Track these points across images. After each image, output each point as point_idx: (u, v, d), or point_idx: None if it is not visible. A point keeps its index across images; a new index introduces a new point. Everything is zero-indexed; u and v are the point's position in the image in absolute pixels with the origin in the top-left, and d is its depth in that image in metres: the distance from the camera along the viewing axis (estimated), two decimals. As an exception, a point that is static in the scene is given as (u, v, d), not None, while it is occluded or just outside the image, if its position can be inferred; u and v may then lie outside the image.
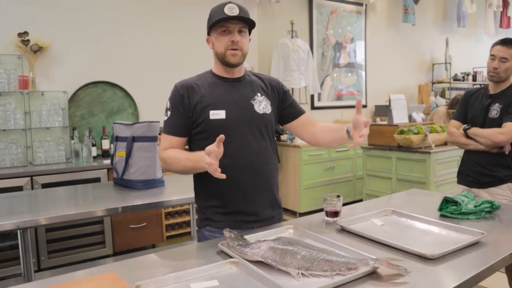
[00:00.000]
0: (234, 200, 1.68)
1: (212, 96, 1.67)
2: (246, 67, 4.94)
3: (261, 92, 1.75)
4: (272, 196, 1.76)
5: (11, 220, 1.92)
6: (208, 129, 1.65)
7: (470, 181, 2.69)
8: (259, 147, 1.70)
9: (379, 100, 6.36)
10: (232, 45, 1.63)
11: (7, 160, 3.54)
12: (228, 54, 1.65)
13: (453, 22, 7.60)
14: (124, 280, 1.17)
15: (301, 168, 4.89)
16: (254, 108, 1.70)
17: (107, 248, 3.66)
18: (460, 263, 1.29)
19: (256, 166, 1.69)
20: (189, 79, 1.73)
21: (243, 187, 1.67)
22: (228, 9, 1.60)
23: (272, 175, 1.76)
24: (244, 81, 1.75)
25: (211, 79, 1.73)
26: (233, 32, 1.63)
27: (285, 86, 1.87)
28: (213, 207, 1.71)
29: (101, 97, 4.16)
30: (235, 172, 1.62)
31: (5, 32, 3.67)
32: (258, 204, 1.71)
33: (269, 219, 1.74)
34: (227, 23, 1.62)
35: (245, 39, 1.67)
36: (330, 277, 1.16)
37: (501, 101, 2.57)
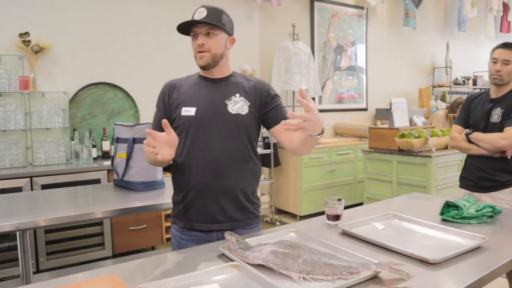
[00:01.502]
0: (196, 198, 1.68)
1: (187, 94, 1.73)
2: (247, 69, 4.97)
3: (240, 93, 1.74)
4: (238, 199, 1.70)
5: (11, 221, 1.91)
6: (179, 125, 1.70)
7: (472, 186, 2.69)
8: (228, 147, 1.68)
9: (380, 103, 6.36)
10: (198, 48, 1.67)
11: (7, 161, 3.53)
12: (197, 57, 1.70)
13: (453, 26, 7.61)
14: (125, 282, 1.16)
15: (302, 171, 4.88)
16: (227, 108, 1.69)
17: (107, 250, 3.65)
18: (462, 268, 1.29)
19: (219, 166, 1.67)
20: (177, 79, 1.81)
21: (205, 186, 1.67)
22: (197, 14, 1.66)
23: (241, 178, 1.71)
24: (227, 81, 1.77)
25: (195, 79, 1.79)
26: (199, 35, 1.67)
27: (275, 91, 1.84)
28: (177, 203, 1.75)
29: (101, 98, 4.16)
30: (198, 170, 1.66)
31: (6, 32, 3.67)
32: (221, 206, 1.67)
33: (234, 222, 1.70)
34: (194, 28, 1.68)
35: (214, 40, 1.68)
36: (332, 281, 1.16)
37: (503, 105, 2.57)
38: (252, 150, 1.76)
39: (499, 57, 2.55)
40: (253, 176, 1.77)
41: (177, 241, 1.74)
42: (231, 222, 1.69)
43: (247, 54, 5.14)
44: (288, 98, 5.39)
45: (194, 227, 1.69)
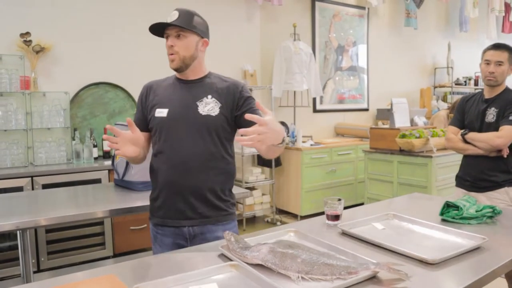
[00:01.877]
0: (168, 196, 1.76)
1: (162, 96, 1.80)
2: (248, 69, 4.97)
3: (212, 95, 1.77)
4: (207, 197, 1.75)
5: (11, 220, 1.92)
6: (154, 126, 1.78)
7: (468, 185, 2.72)
8: (197, 147, 1.72)
9: (381, 103, 6.35)
10: (169, 50, 1.74)
11: (8, 161, 3.53)
12: (169, 59, 1.76)
13: (455, 26, 7.60)
14: (124, 282, 1.17)
15: (303, 171, 4.88)
16: (198, 109, 1.74)
17: (107, 249, 3.65)
18: (461, 268, 1.29)
19: (190, 165, 1.72)
20: (156, 80, 1.89)
21: (176, 185, 1.73)
22: (170, 16, 1.72)
23: (210, 177, 1.75)
24: (200, 83, 1.81)
25: (171, 81, 1.86)
26: (170, 37, 1.73)
27: (249, 92, 1.85)
28: (152, 200, 1.84)
29: (102, 98, 4.16)
30: (169, 169, 1.74)
31: (7, 32, 3.67)
32: (190, 203, 1.74)
33: (204, 219, 1.76)
34: (166, 30, 1.74)
35: (184, 42, 1.72)
36: (330, 281, 1.16)
37: (497, 105, 2.61)
38: (224, 150, 1.80)
39: (492, 58, 2.58)
40: (224, 174, 1.80)
41: (153, 235, 1.84)
42: (201, 218, 1.76)
43: (248, 54, 5.14)
44: (289, 98, 5.39)
45: (166, 223, 1.78)
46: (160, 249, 1.79)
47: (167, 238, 1.79)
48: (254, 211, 4.86)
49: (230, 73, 4.91)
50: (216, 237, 1.75)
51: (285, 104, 5.38)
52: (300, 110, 5.50)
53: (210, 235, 1.75)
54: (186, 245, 1.77)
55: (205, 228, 1.76)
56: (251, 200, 4.80)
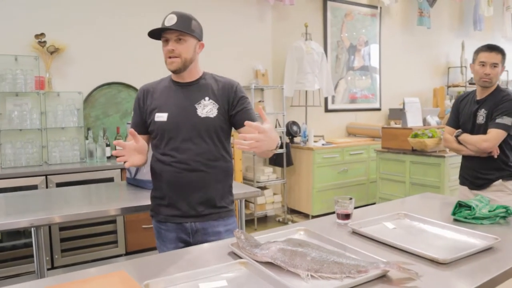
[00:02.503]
0: (170, 194, 1.82)
1: (160, 100, 1.84)
2: (260, 69, 4.97)
3: (210, 96, 1.83)
4: (210, 195, 1.82)
5: (25, 218, 1.95)
6: (154, 130, 1.83)
7: (469, 184, 2.75)
8: (199, 149, 1.79)
9: (394, 103, 6.30)
10: (169, 54, 1.77)
11: (23, 159, 3.59)
12: (167, 62, 1.79)
13: (469, 25, 7.51)
14: (134, 278, 1.18)
15: (314, 171, 4.87)
16: (197, 112, 1.80)
17: (120, 247, 3.69)
18: (473, 269, 1.27)
19: (193, 166, 1.78)
20: (151, 83, 1.92)
21: (178, 184, 1.80)
22: (167, 20, 1.75)
23: (211, 176, 1.82)
24: (196, 85, 1.85)
25: (167, 83, 1.88)
26: (170, 41, 1.76)
27: (243, 92, 1.91)
28: (155, 199, 1.90)
29: (115, 98, 4.20)
30: (171, 169, 1.79)
31: (22, 33, 3.73)
32: (192, 201, 1.81)
33: (204, 216, 1.83)
34: (165, 34, 1.77)
35: (184, 46, 1.77)
36: (340, 280, 1.16)
37: (486, 106, 2.63)
38: (223, 149, 1.87)
39: (487, 60, 2.59)
40: (225, 173, 1.88)
41: (157, 230, 1.91)
42: (203, 216, 1.83)
43: (259, 54, 5.14)
44: (301, 98, 5.38)
45: (169, 220, 1.85)
46: (163, 244, 1.86)
47: (171, 233, 1.85)
48: (265, 210, 4.86)
49: (241, 73, 4.96)
50: (217, 232, 1.84)
51: (296, 103, 5.37)
52: (312, 110, 5.48)
53: (211, 230, 1.84)
54: (189, 239, 1.83)
55: (207, 223, 1.83)
56: (262, 200, 4.80)
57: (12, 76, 3.60)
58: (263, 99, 5.17)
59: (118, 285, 1.13)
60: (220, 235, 1.84)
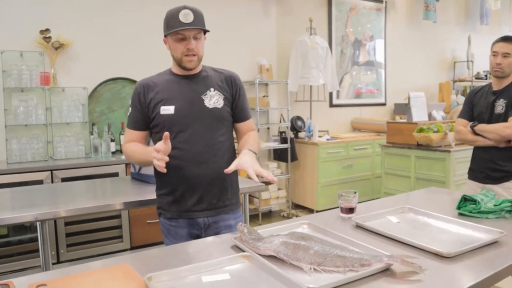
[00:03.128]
0: (181, 189, 1.78)
1: (164, 93, 1.79)
2: (264, 64, 4.96)
3: (214, 87, 1.82)
4: (222, 186, 1.82)
5: (31, 212, 1.96)
6: (159, 123, 1.77)
7: (483, 178, 2.73)
8: (207, 140, 1.77)
9: (399, 98, 6.27)
10: (187, 52, 1.72)
11: (29, 155, 3.61)
12: (184, 60, 1.74)
13: (476, 19, 7.44)
14: (137, 271, 1.18)
15: (319, 166, 4.86)
16: (204, 103, 1.78)
17: (125, 242, 3.70)
18: (477, 263, 1.27)
19: (203, 158, 1.76)
20: (149, 77, 1.87)
21: (190, 178, 1.76)
22: (183, 16, 1.68)
23: (222, 167, 1.75)
24: (199, 77, 1.83)
25: (168, 76, 1.84)
26: (188, 39, 1.71)
27: (241, 83, 1.92)
28: (164, 196, 1.85)
29: (120, 93, 4.21)
30: (182, 163, 1.74)
31: (28, 29, 3.74)
32: (206, 195, 1.79)
33: (218, 209, 1.82)
34: (182, 31, 1.70)
35: (200, 43, 1.76)
36: (343, 273, 1.15)
37: (505, 96, 2.64)
38: (231, 140, 1.87)
39: (499, 50, 2.64)
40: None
41: (166, 228, 1.87)
42: (215, 209, 1.81)
43: (264, 49, 5.13)
44: (305, 93, 5.36)
45: (181, 216, 1.81)
46: (174, 241, 1.80)
47: (182, 230, 1.82)
48: (270, 205, 4.86)
49: (246, 68, 4.95)
50: (228, 225, 1.83)
51: (301, 98, 5.36)
52: (317, 105, 5.47)
53: (223, 224, 1.83)
54: (201, 234, 1.81)
55: (219, 217, 1.82)
56: (267, 195, 4.80)
57: (17, 72, 3.61)
58: (268, 94, 5.16)
59: (121, 279, 1.14)
60: (231, 228, 1.83)
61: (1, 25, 3.66)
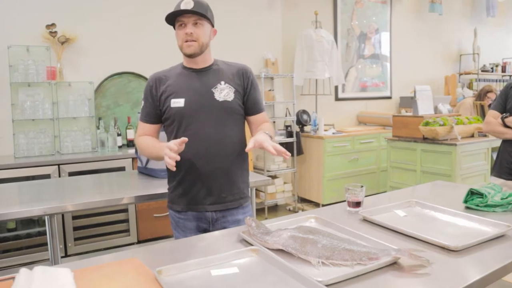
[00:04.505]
0: (191, 183, 1.79)
1: (175, 86, 1.80)
2: (269, 58, 4.95)
3: (225, 80, 1.82)
4: (230, 180, 1.82)
5: (39, 206, 1.98)
6: (170, 116, 1.79)
7: (508, 173, 2.66)
8: (217, 134, 1.77)
9: (405, 91, 6.25)
10: (186, 37, 1.73)
11: (36, 149, 3.63)
12: (184, 46, 1.75)
13: (482, 11, 7.38)
14: (146, 265, 1.19)
15: (325, 160, 4.86)
16: (214, 96, 1.78)
17: (132, 236, 3.73)
18: (484, 256, 1.27)
19: (212, 151, 1.77)
20: (162, 71, 1.87)
21: (199, 172, 1.77)
22: (184, 4, 1.70)
23: (231, 161, 1.81)
24: (209, 70, 1.84)
25: (179, 70, 1.85)
26: (187, 25, 1.73)
27: (254, 76, 1.92)
28: (173, 189, 1.86)
29: (126, 87, 4.22)
30: (191, 156, 1.74)
31: (34, 24, 3.75)
32: (214, 188, 1.79)
33: (226, 202, 1.82)
34: (181, 17, 1.72)
35: (201, 30, 1.75)
36: (351, 267, 1.16)
37: None
38: (240, 133, 1.86)
39: None
40: (242, 156, 1.87)
41: (175, 220, 1.87)
42: (224, 203, 1.82)
43: (269, 42, 5.12)
44: (311, 87, 5.35)
45: (190, 209, 1.82)
46: (183, 234, 1.82)
47: (190, 223, 1.83)
48: (276, 199, 4.88)
49: (251, 62, 4.94)
50: (237, 220, 1.83)
51: (307, 92, 5.35)
52: (322, 99, 5.46)
53: (231, 218, 1.83)
54: (209, 228, 1.82)
55: (227, 212, 1.82)
56: (273, 189, 4.82)
57: (24, 67, 3.63)
58: (273, 88, 5.16)
59: (132, 272, 1.15)
60: (239, 222, 1.83)
61: (8, 20, 3.67)
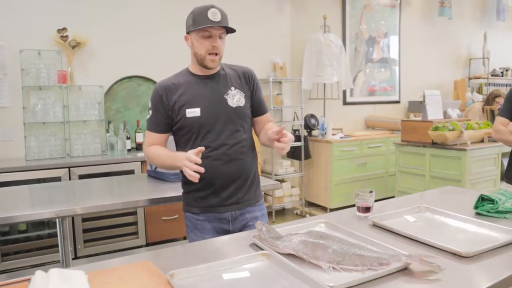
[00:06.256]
0: (212, 187, 1.83)
1: (188, 95, 1.81)
2: (278, 62, 4.96)
3: (235, 86, 1.87)
4: (247, 182, 1.88)
5: (51, 209, 2.00)
6: (185, 126, 1.81)
7: None
8: (233, 139, 1.82)
9: (413, 95, 6.23)
10: (212, 50, 1.75)
11: (47, 152, 3.67)
12: (207, 59, 1.77)
13: (492, 15, 7.34)
14: (158, 268, 1.20)
15: (333, 164, 4.85)
16: (228, 103, 1.83)
17: (140, 239, 3.75)
18: (496, 263, 1.26)
19: (230, 156, 1.82)
20: (167, 79, 1.88)
21: (217, 176, 1.81)
22: (212, 15, 1.71)
23: (247, 163, 1.88)
24: (218, 77, 1.87)
25: (187, 77, 1.86)
26: (214, 37, 1.75)
27: (257, 77, 1.96)
28: (193, 193, 1.88)
29: (135, 91, 4.25)
30: (211, 162, 1.78)
31: (45, 28, 3.80)
32: (233, 190, 1.85)
33: (243, 202, 1.88)
34: (210, 28, 1.73)
35: (223, 43, 1.80)
36: (362, 272, 1.16)
37: None
38: (251, 136, 1.93)
39: None
40: (254, 158, 1.95)
41: (193, 223, 1.89)
42: (242, 202, 1.88)
43: (278, 46, 5.13)
44: (319, 91, 5.36)
45: (209, 211, 1.86)
46: (201, 235, 1.84)
47: (210, 224, 1.86)
48: (283, 203, 4.88)
49: (260, 66, 4.96)
50: (254, 217, 1.90)
51: (315, 96, 5.35)
52: (330, 103, 5.46)
53: (249, 216, 1.89)
54: (228, 227, 1.86)
55: (245, 210, 1.89)
56: (280, 192, 4.82)
57: (35, 70, 3.67)
58: (281, 92, 5.17)
59: (145, 275, 1.16)
60: (257, 219, 1.90)
61: (20, 25, 3.72)
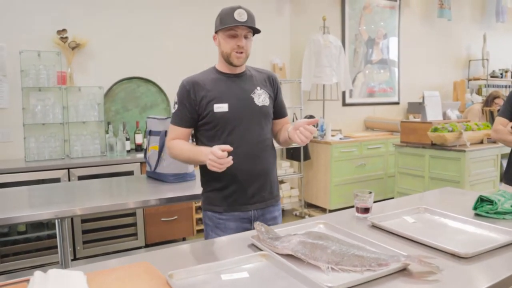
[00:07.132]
0: (235, 185, 1.85)
1: (215, 91, 1.84)
2: (277, 63, 4.96)
3: (260, 86, 1.92)
4: (269, 180, 1.92)
5: (50, 210, 2.00)
6: (212, 121, 1.83)
7: None
8: (258, 137, 1.87)
9: (413, 97, 6.23)
10: (238, 49, 1.80)
11: (46, 153, 3.67)
12: (233, 56, 1.82)
13: (491, 17, 7.35)
14: (157, 269, 1.20)
15: (332, 165, 4.85)
16: (254, 101, 1.88)
17: (139, 240, 3.75)
18: (495, 263, 1.27)
19: (254, 153, 1.86)
20: (195, 76, 1.90)
21: (242, 173, 1.84)
22: (238, 15, 1.77)
23: (270, 162, 1.93)
24: (244, 76, 1.92)
25: (214, 75, 1.90)
26: (240, 37, 1.80)
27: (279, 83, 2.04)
28: (216, 191, 1.89)
29: (135, 92, 4.25)
30: (236, 159, 1.75)
31: (45, 29, 3.80)
32: (257, 188, 1.88)
33: (266, 201, 1.92)
34: (235, 28, 1.78)
35: (250, 43, 1.86)
36: (360, 273, 1.16)
37: None
38: (272, 135, 1.99)
39: None
40: (275, 157, 2.00)
41: (214, 222, 1.89)
42: (265, 201, 1.91)
43: (277, 47, 5.13)
44: (318, 92, 5.36)
45: (235, 209, 1.87)
46: (222, 234, 1.81)
47: (233, 223, 1.88)
48: (282, 204, 4.88)
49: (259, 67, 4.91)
50: (274, 217, 1.95)
51: (314, 97, 5.36)
52: (330, 104, 5.46)
53: (269, 216, 1.93)
54: (250, 227, 1.87)
55: (266, 209, 1.93)
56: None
57: (35, 72, 3.67)
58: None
59: (144, 275, 1.16)
60: (276, 219, 1.95)
61: (20, 26, 3.72)
